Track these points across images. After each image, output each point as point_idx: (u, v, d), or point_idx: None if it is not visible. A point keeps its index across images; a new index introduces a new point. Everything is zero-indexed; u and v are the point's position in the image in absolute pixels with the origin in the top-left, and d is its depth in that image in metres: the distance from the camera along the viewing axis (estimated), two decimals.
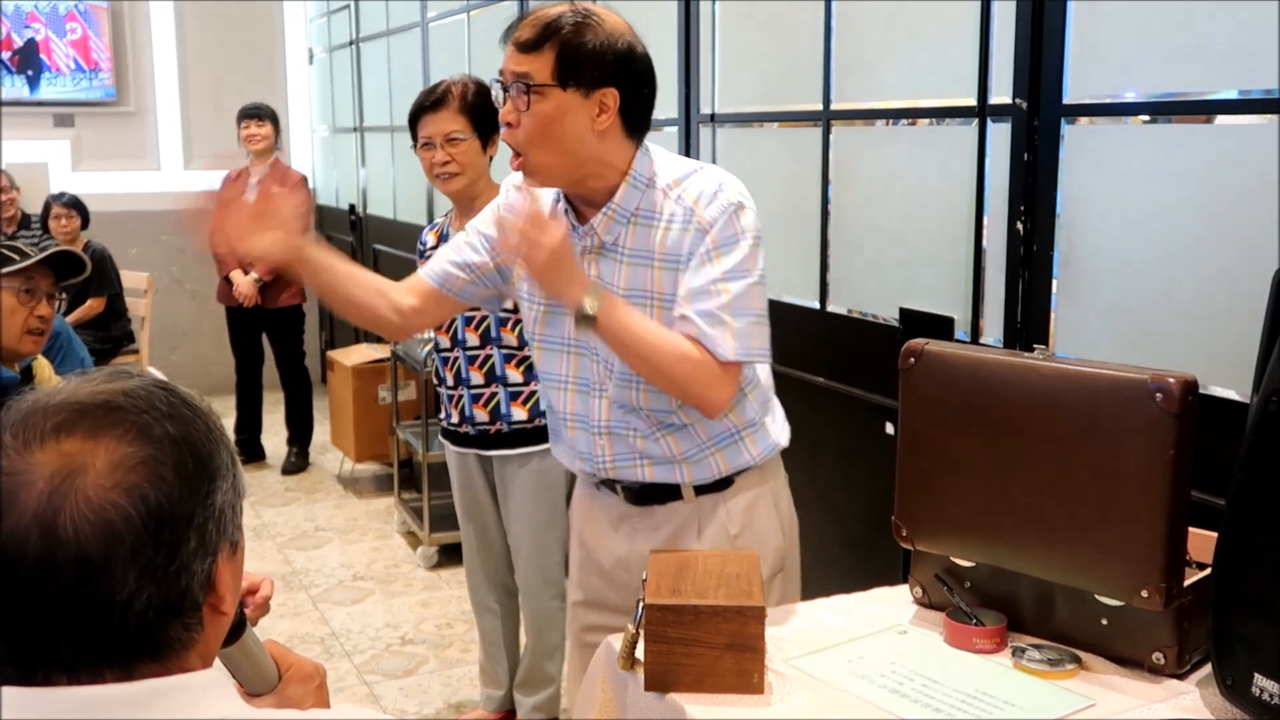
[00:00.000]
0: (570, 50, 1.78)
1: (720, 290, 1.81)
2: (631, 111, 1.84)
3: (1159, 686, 1.55)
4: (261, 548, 4.70)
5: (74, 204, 5.72)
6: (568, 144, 1.80)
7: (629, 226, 1.87)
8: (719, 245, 1.83)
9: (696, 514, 1.99)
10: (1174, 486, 1.48)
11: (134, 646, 0.91)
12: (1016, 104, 2.27)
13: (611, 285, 1.87)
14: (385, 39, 5.88)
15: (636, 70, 1.84)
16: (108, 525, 0.87)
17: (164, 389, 0.97)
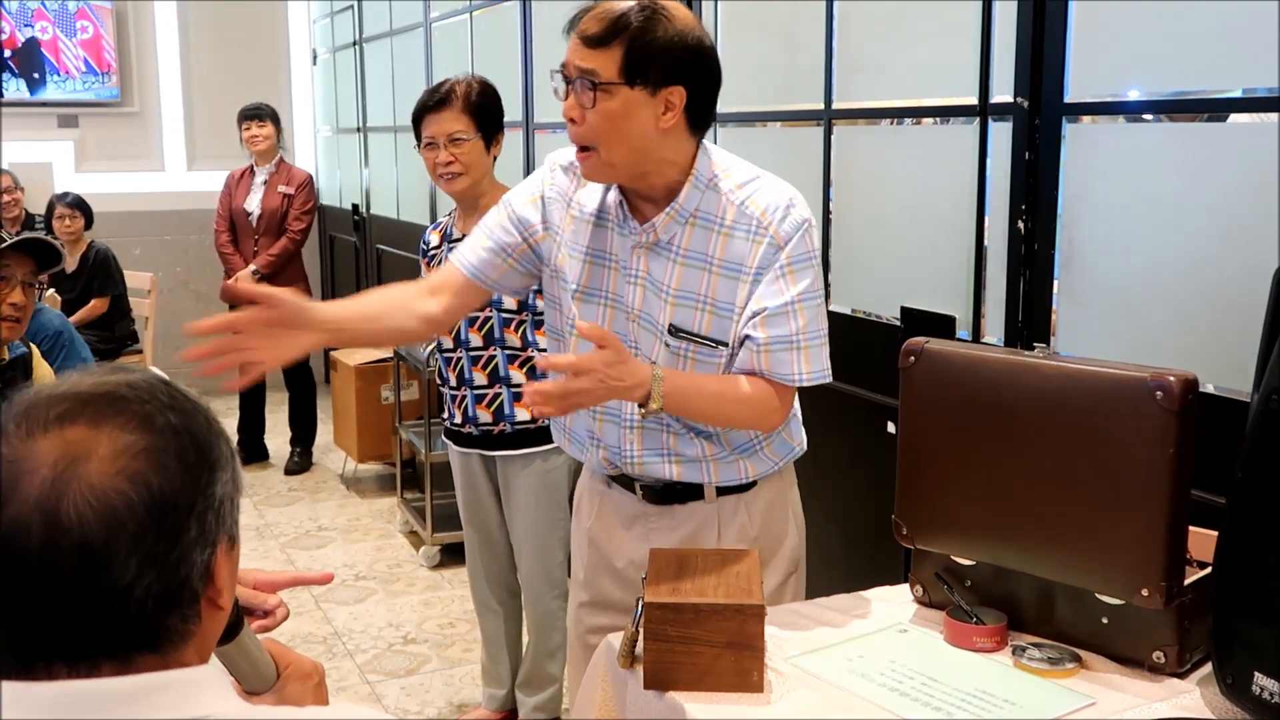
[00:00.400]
0: (639, 47, 1.72)
1: (796, 313, 1.82)
2: (697, 108, 1.79)
3: (1159, 685, 1.55)
4: (265, 547, 4.71)
5: (78, 204, 5.73)
6: (633, 141, 1.76)
7: (686, 227, 1.84)
8: (793, 263, 1.81)
9: (717, 514, 1.97)
10: (1174, 485, 1.48)
11: (133, 637, 0.91)
12: (1018, 103, 2.27)
13: (661, 284, 1.85)
14: (388, 39, 5.88)
15: (705, 66, 1.79)
16: (111, 511, 0.88)
17: (164, 382, 0.98)
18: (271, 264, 5.56)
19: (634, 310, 1.88)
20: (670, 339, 1.86)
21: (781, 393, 1.86)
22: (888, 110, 2.66)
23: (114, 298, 5.72)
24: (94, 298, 5.64)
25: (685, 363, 1.87)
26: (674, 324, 1.85)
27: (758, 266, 1.81)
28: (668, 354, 1.87)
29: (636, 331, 1.89)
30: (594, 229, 1.90)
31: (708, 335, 1.85)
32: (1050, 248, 2.23)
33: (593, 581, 2.07)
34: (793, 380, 1.86)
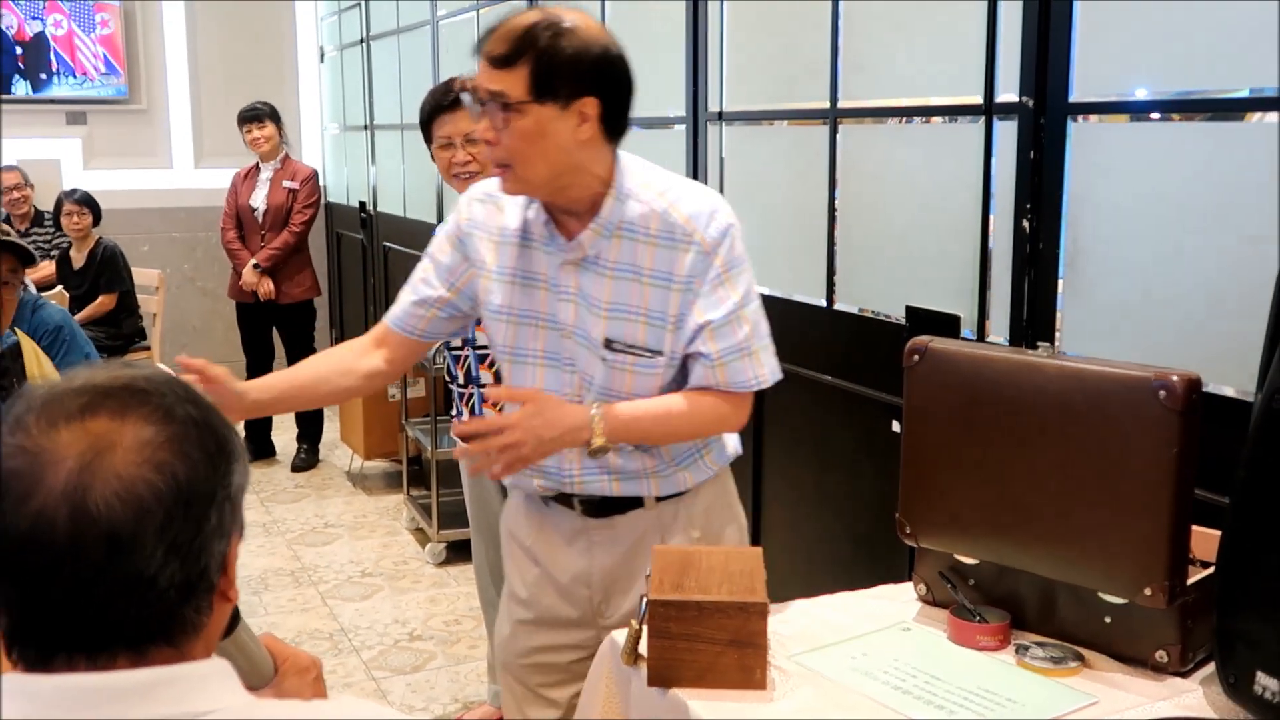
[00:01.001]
0: (546, 63, 1.72)
1: (741, 320, 1.84)
2: (612, 117, 1.79)
3: (1162, 685, 1.55)
4: (271, 544, 4.72)
5: (86, 201, 5.75)
6: (551, 157, 1.76)
7: (612, 240, 1.84)
8: (729, 269, 1.83)
9: (659, 521, 1.99)
10: (1177, 484, 1.49)
11: (152, 628, 0.92)
12: (1023, 102, 2.27)
13: (594, 298, 1.85)
14: (395, 37, 5.89)
15: (615, 75, 1.79)
16: (138, 501, 0.89)
17: (176, 377, 1.00)
18: (273, 258, 5.57)
19: (568, 327, 1.88)
20: (606, 353, 1.86)
21: (737, 398, 1.89)
22: (893, 109, 2.66)
23: (121, 294, 5.74)
24: (101, 294, 5.66)
25: (624, 375, 1.87)
26: (609, 337, 1.86)
27: (687, 275, 1.82)
28: (604, 368, 1.87)
29: (573, 348, 1.89)
30: (519, 250, 1.90)
31: (644, 346, 1.86)
32: (1055, 247, 2.23)
33: (536, 600, 2.04)
34: (751, 386, 1.88)
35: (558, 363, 1.91)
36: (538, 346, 1.91)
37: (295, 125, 7.22)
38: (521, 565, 2.07)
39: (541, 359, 1.91)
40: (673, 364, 1.88)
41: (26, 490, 0.88)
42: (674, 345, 1.86)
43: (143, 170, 7.13)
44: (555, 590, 2.03)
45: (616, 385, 1.88)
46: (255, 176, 5.72)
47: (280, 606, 4.09)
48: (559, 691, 2.06)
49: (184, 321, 7.15)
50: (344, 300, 7.22)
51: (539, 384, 1.92)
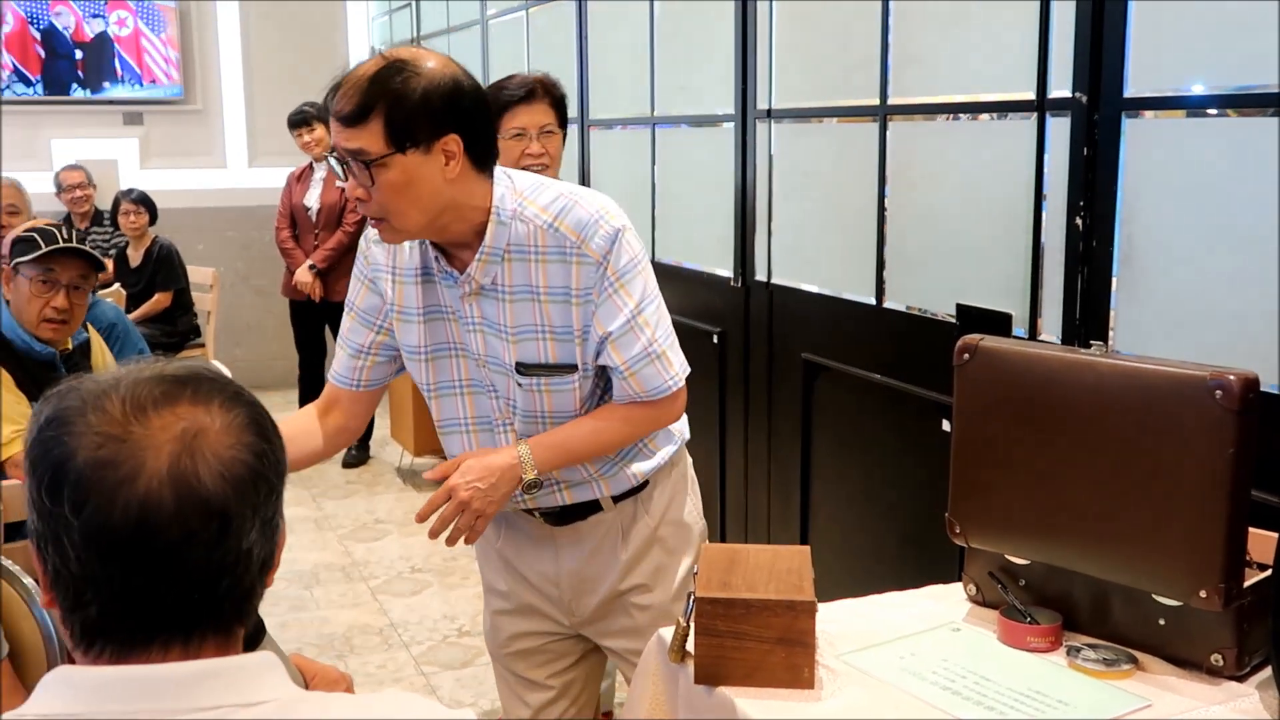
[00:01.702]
0: (397, 112, 1.67)
1: (641, 325, 1.83)
2: (477, 148, 1.76)
3: (1217, 688, 1.53)
4: (323, 539, 4.77)
5: (142, 200, 5.84)
6: (424, 202, 1.72)
7: (504, 264, 1.81)
8: (621, 276, 1.81)
9: (619, 521, 2.01)
10: (1234, 485, 1.46)
11: (238, 610, 0.96)
12: (1076, 98, 2.24)
13: (498, 324, 1.84)
14: (446, 36, 5.93)
15: (470, 106, 1.73)
16: (238, 479, 0.93)
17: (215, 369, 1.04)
18: (328, 258, 5.63)
19: (481, 356, 1.88)
20: (520, 377, 1.87)
21: (664, 400, 1.89)
22: (944, 106, 2.64)
23: (177, 292, 5.82)
24: (157, 292, 5.75)
25: (542, 396, 1.88)
26: (519, 362, 1.86)
27: (583, 287, 1.81)
28: (522, 392, 1.88)
29: (490, 375, 1.90)
30: (423, 287, 1.89)
31: (555, 363, 1.86)
32: (1109, 245, 2.20)
33: (515, 593, 2.09)
34: (668, 389, 1.88)
35: (481, 389, 1.92)
36: (460, 376, 1.92)
37: None
38: (497, 564, 2.10)
39: (467, 388, 1.93)
40: (587, 375, 1.88)
41: (127, 476, 0.90)
42: (585, 357, 1.86)
43: (198, 170, 7.24)
44: (526, 586, 2.07)
45: (536, 406, 1.89)
46: (309, 176, 5.78)
47: (331, 601, 4.13)
48: (542, 671, 2.11)
49: (237, 319, 7.25)
50: None
51: (468, 411, 1.94)
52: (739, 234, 3.43)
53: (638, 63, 3.91)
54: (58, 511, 0.91)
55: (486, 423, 1.93)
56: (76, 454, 0.91)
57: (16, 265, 2.79)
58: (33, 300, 2.76)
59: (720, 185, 3.48)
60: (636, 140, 4.03)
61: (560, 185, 1.87)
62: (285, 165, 6.08)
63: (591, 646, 2.12)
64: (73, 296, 2.80)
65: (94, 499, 0.90)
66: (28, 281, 2.77)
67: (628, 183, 4.08)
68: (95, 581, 0.92)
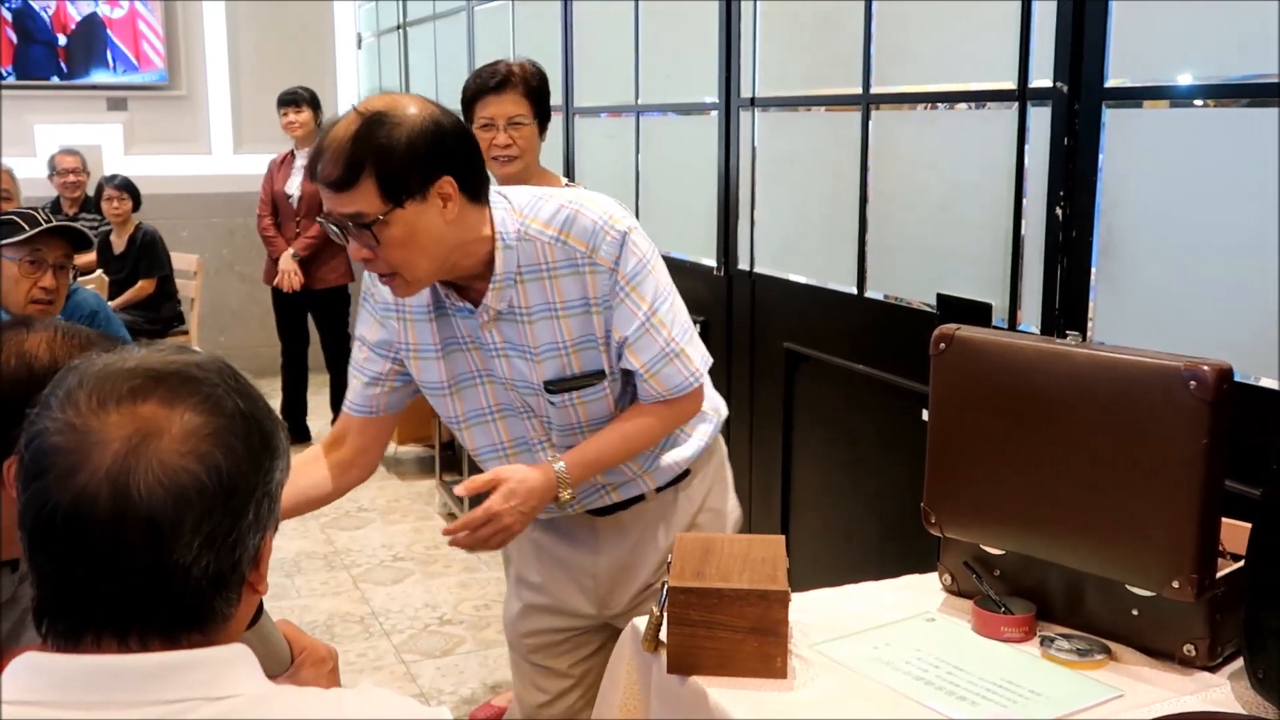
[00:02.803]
0: (387, 168, 1.64)
1: (657, 326, 1.83)
2: (470, 183, 1.73)
3: (1190, 679, 1.53)
4: (305, 527, 4.76)
5: (126, 186, 5.81)
6: (430, 249, 1.71)
7: (518, 287, 1.80)
8: (631, 279, 1.81)
9: (661, 510, 2.03)
10: (1208, 476, 1.46)
11: (184, 616, 0.92)
12: (1057, 87, 2.24)
13: (522, 346, 1.83)
14: (432, 23, 5.90)
15: (453, 143, 1.71)
16: (179, 490, 0.89)
17: (229, 366, 1.00)
18: (310, 246, 5.61)
19: (508, 380, 1.88)
20: (551, 395, 1.86)
21: (687, 397, 1.90)
22: (926, 95, 2.63)
23: (160, 279, 5.79)
24: (141, 279, 5.72)
25: (575, 409, 1.88)
26: (547, 380, 1.85)
27: (600, 295, 1.81)
28: (556, 410, 1.88)
29: (520, 397, 1.89)
30: (438, 323, 1.88)
31: (582, 373, 1.85)
32: (1088, 235, 2.20)
33: (547, 586, 2.08)
34: (690, 385, 1.89)
35: (514, 412, 1.91)
36: (489, 403, 1.91)
37: (333, 111, 7.23)
38: (532, 554, 2.10)
39: (498, 413, 1.92)
40: (615, 379, 1.88)
41: (72, 467, 0.89)
42: (610, 362, 1.86)
43: (182, 156, 7.19)
44: (565, 578, 2.07)
45: (572, 419, 1.89)
46: (290, 163, 5.75)
47: (313, 590, 4.12)
48: (563, 661, 2.12)
49: (222, 306, 7.22)
50: None
51: (503, 436, 1.93)
52: (722, 223, 3.42)
53: (622, 50, 3.89)
54: (17, 486, 0.92)
55: (524, 444, 1.93)
56: (41, 435, 0.91)
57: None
58: (21, 282, 2.76)
59: (704, 174, 3.47)
60: (621, 128, 4.01)
61: (559, 195, 1.85)
62: (270, 152, 6.05)
63: (611, 634, 2.11)
64: (58, 276, 2.80)
65: (39, 481, 0.90)
66: (15, 264, 2.76)
67: (612, 171, 4.06)
68: (34, 564, 0.92)
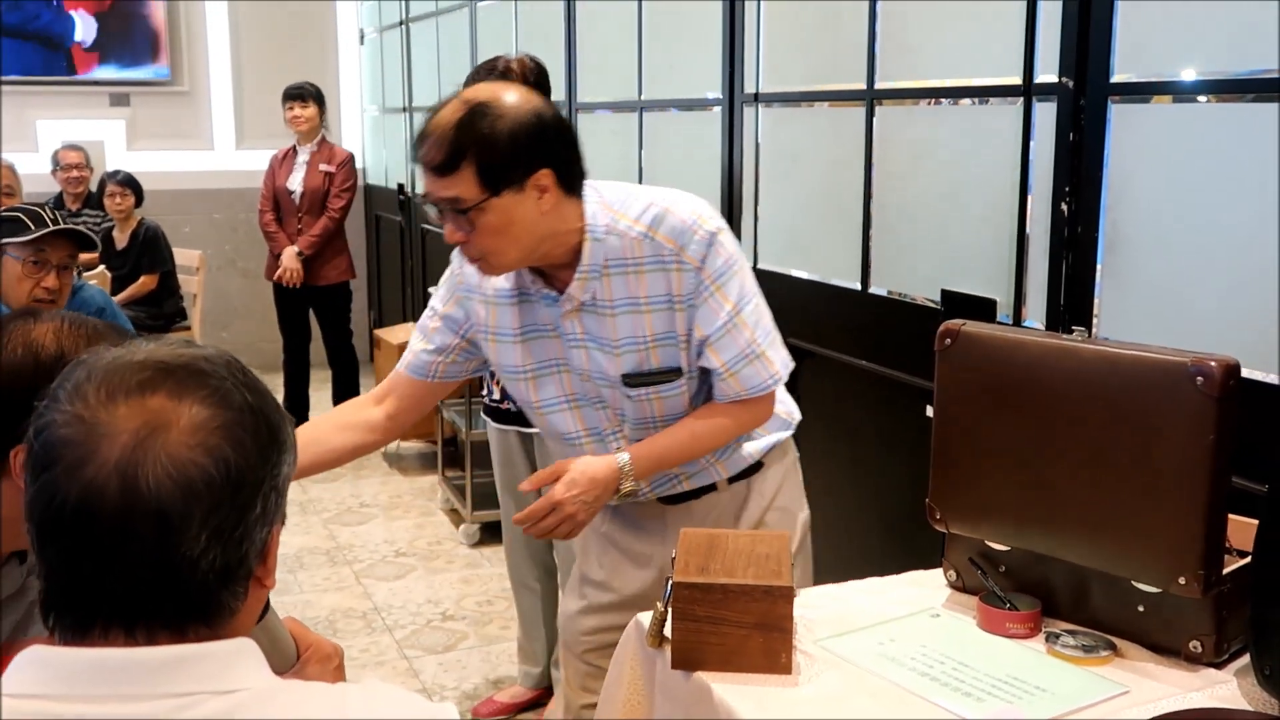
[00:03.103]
0: (488, 157, 1.68)
1: (739, 326, 1.84)
2: (567, 176, 1.76)
3: (1196, 675, 1.53)
4: (307, 522, 4.76)
5: (128, 182, 5.80)
6: (523, 238, 1.74)
7: (603, 279, 1.83)
8: (717, 279, 1.83)
9: (731, 503, 2.03)
10: (1214, 472, 1.46)
11: (191, 609, 0.92)
12: (1063, 83, 2.23)
13: (602, 339, 1.85)
14: (434, 19, 5.89)
15: (555, 137, 1.74)
16: (188, 483, 0.89)
17: (236, 360, 1.00)
18: (314, 244, 5.61)
19: (585, 370, 1.89)
20: (629, 389, 1.88)
21: (757, 399, 1.91)
22: (930, 90, 2.62)
23: (163, 275, 5.79)
24: (143, 274, 5.71)
25: (651, 404, 1.90)
26: (625, 373, 1.87)
27: (684, 293, 1.82)
28: (632, 403, 1.90)
29: (595, 388, 1.91)
30: (520, 308, 1.90)
31: (660, 368, 1.87)
32: (1094, 231, 2.20)
33: (611, 582, 2.07)
34: (768, 387, 1.90)
35: (587, 402, 1.93)
36: (565, 391, 1.93)
37: (335, 107, 7.25)
38: (596, 547, 2.09)
39: (573, 402, 1.94)
40: (693, 376, 1.90)
41: (80, 459, 0.89)
42: (689, 360, 1.88)
43: (185, 152, 7.19)
44: (630, 569, 2.06)
45: (647, 413, 1.92)
46: (293, 159, 5.75)
47: (315, 585, 4.12)
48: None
49: (224, 302, 7.22)
50: (382, 283, 7.25)
51: (578, 425, 1.95)
52: (725, 218, 3.40)
53: (626, 46, 3.89)
54: (26, 478, 0.92)
55: (597, 434, 1.95)
56: (50, 427, 0.91)
57: (2, 246, 2.77)
58: (23, 281, 2.76)
59: (707, 169, 3.47)
60: (624, 124, 4.00)
61: (648, 193, 1.87)
62: (272, 148, 6.04)
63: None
64: (61, 276, 2.81)
65: (48, 473, 0.90)
66: (18, 263, 2.76)
67: (615, 167, 4.05)
68: (42, 557, 0.92)
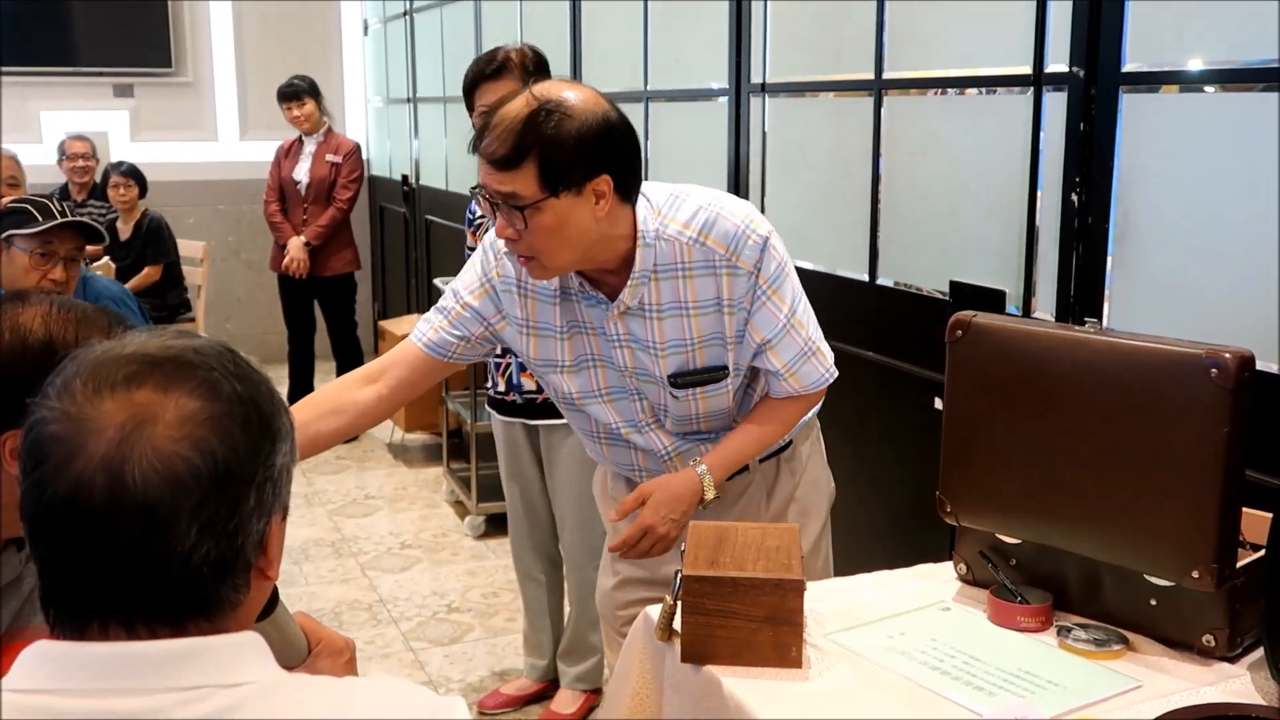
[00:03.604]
0: (552, 157, 1.66)
1: (796, 326, 1.88)
2: (625, 184, 1.75)
3: (1209, 669, 1.52)
4: (312, 514, 4.75)
5: (132, 173, 5.79)
6: (575, 241, 1.73)
7: (651, 284, 1.83)
8: (772, 283, 1.84)
9: (764, 481, 2.05)
10: (1228, 465, 1.45)
11: (188, 603, 0.92)
12: (1073, 72, 2.22)
13: (647, 341, 1.86)
14: (438, 9, 5.88)
15: (619, 144, 1.73)
16: (174, 476, 0.89)
17: (230, 350, 0.99)
18: (321, 234, 5.60)
19: (627, 369, 1.90)
20: (675, 390, 1.89)
21: (819, 393, 1.96)
22: (939, 80, 2.61)
23: (167, 266, 5.78)
24: (147, 265, 5.71)
25: (696, 403, 1.91)
26: (671, 374, 1.87)
27: (735, 297, 1.83)
28: (676, 403, 1.91)
29: (635, 384, 1.92)
30: (561, 306, 1.89)
31: (705, 367, 1.88)
32: (1104, 221, 2.18)
33: (644, 561, 2.05)
34: (825, 381, 1.94)
35: (625, 395, 1.94)
36: (599, 385, 1.94)
37: (339, 98, 7.24)
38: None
39: (607, 395, 1.95)
40: (739, 375, 1.91)
41: (68, 455, 0.89)
42: (738, 359, 1.89)
43: (189, 143, 7.18)
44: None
45: (691, 411, 1.93)
46: (299, 150, 5.74)
47: (320, 577, 4.12)
48: None
49: (228, 293, 7.21)
50: (386, 273, 7.24)
51: (614, 417, 1.96)
52: None
53: (631, 36, 3.87)
54: (20, 476, 0.92)
55: (633, 424, 1.97)
56: (39, 425, 0.91)
57: (10, 237, 2.76)
58: (30, 273, 2.75)
59: (713, 160, 3.45)
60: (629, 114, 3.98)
61: (698, 196, 1.86)
62: (276, 139, 6.03)
63: None
64: (69, 269, 2.80)
65: (38, 470, 0.90)
66: (25, 254, 2.75)
67: None
68: (36, 553, 0.92)
